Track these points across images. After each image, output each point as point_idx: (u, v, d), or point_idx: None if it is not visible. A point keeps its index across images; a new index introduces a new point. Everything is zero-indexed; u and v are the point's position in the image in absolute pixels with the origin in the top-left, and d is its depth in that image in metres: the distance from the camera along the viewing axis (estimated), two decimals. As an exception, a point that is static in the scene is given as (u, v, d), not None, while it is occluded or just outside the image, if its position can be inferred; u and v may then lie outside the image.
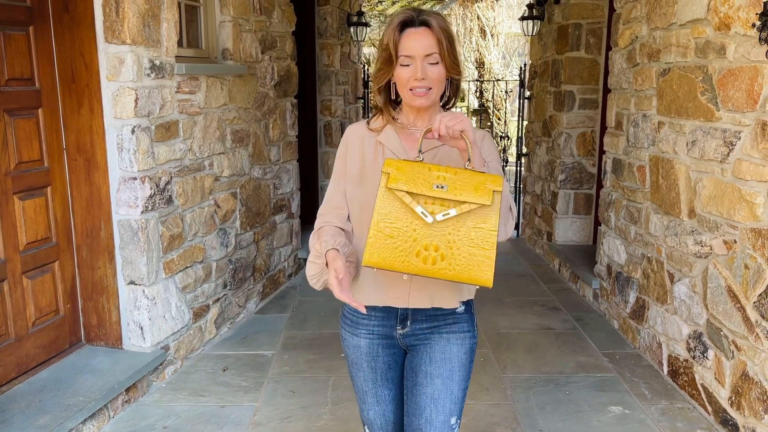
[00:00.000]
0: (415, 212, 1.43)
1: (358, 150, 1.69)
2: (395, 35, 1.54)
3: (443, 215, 1.42)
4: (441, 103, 1.69)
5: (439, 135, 1.44)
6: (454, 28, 14.41)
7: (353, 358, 1.79)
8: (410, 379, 1.72)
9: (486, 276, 1.40)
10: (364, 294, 1.68)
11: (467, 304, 1.74)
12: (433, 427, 1.66)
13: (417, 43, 1.53)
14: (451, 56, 1.56)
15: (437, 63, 1.55)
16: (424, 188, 1.44)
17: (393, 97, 1.66)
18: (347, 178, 1.70)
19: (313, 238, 1.70)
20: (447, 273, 1.41)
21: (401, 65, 1.56)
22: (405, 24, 1.55)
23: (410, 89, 1.57)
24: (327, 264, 1.56)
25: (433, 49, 1.54)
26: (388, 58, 1.57)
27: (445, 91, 1.64)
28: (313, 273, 1.66)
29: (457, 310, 1.71)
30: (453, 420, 1.68)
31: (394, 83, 1.63)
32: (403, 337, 1.73)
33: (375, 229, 1.44)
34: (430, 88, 1.57)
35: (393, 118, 1.67)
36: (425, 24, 1.54)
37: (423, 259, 1.41)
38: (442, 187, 1.43)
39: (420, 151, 1.53)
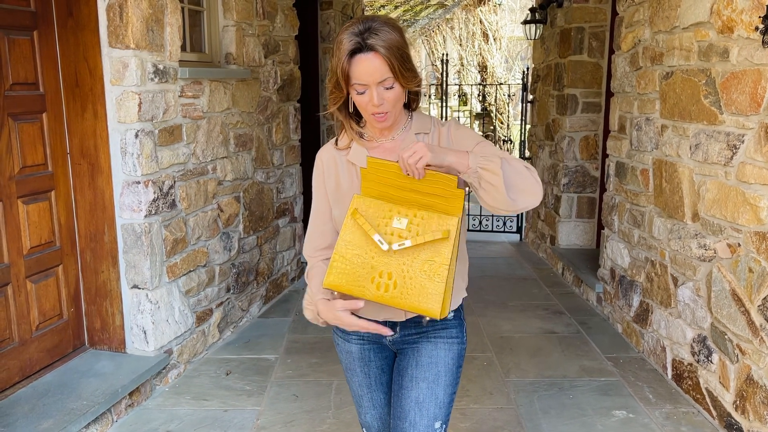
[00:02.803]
0: (374, 240, 1.48)
1: (333, 173, 1.68)
2: (345, 63, 1.48)
3: (399, 245, 1.47)
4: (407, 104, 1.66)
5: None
6: (456, 31, 14.46)
7: (346, 363, 1.81)
8: (396, 383, 1.73)
9: (433, 308, 1.43)
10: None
11: (456, 310, 1.74)
12: (417, 431, 1.66)
13: (368, 71, 1.47)
14: (405, 75, 1.50)
15: (392, 87, 1.50)
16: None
17: (351, 110, 1.63)
18: (331, 201, 1.69)
19: (307, 279, 1.73)
20: (398, 301, 1.45)
21: (357, 93, 1.51)
22: (353, 51, 1.47)
23: (371, 114, 1.54)
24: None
25: (386, 74, 1.48)
26: (339, 83, 1.52)
27: (407, 98, 1.61)
28: (310, 318, 1.72)
29: (446, 317, 1.70)
30: (438, 424, 1.67)
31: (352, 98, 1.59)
32: (392, 342, 1.74)
33: (338, 254, 1.51)
34: (389, 111, 1.54)
35: (357, 133, 1.64)
36: (373, 49, 1.46)
37: (377, 286, 1.47)
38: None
39: None
